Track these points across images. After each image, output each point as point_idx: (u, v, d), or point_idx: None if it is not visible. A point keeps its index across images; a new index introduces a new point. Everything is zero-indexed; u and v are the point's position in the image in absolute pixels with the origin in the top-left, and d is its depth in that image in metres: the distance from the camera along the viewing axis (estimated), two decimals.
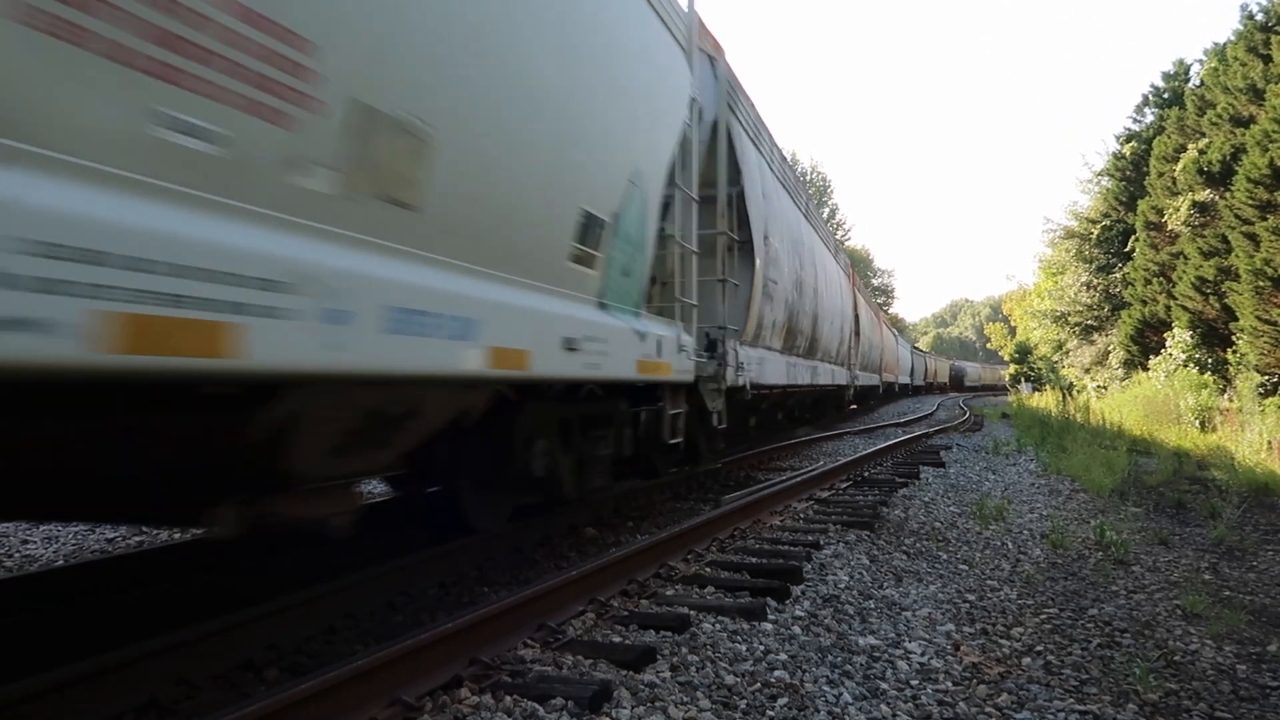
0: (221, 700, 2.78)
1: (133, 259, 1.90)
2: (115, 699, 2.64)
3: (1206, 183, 19.80)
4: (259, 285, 2.23)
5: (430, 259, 3.01)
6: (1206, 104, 21.26)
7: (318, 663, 3.12)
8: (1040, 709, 3.01)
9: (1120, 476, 9.09)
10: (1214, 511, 7.20)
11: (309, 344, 2.40)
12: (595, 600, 3.77)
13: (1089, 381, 28.46)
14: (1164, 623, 4.20)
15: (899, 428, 17.51)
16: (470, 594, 4.26)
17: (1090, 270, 28.79)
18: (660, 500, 7.20)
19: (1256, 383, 15.05)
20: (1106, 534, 5.94)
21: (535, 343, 3.70)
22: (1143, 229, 23.58)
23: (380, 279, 2.71)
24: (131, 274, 1.89)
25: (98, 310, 1.82)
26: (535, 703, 2.69)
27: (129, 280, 1.89)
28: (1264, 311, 15.55)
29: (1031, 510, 7.41)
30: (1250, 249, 16.10)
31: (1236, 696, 3.31)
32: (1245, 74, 19.11)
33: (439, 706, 2.66)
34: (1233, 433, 13.74)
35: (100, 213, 1.86)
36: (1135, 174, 26.54)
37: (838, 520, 6.15)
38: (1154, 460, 11.51)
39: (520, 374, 3.59)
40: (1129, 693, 3.23)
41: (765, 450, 10.71)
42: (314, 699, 2.37)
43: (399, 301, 2.76)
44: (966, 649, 3.63)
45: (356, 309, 2.56)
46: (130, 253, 1.89)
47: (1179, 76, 27.12)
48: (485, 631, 3.10)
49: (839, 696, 2.99)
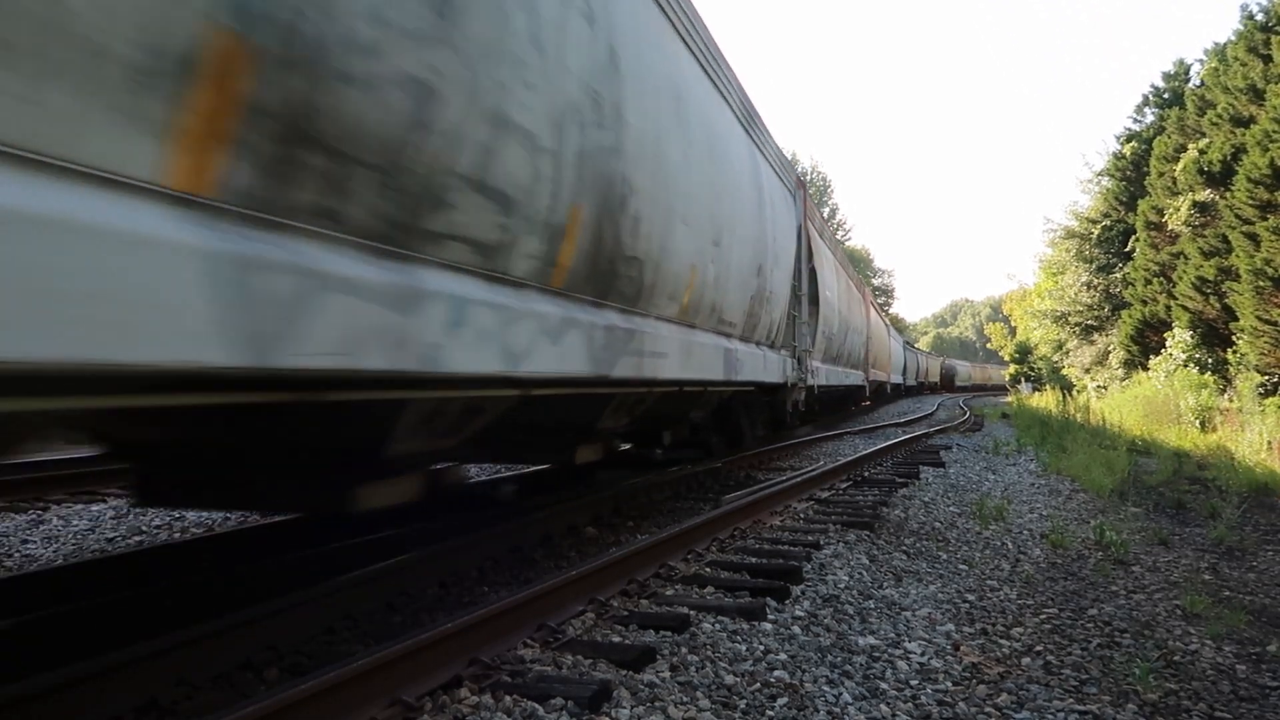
0: (221, 700, 2.78)
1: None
2: (115, 699, 2.64)
3: (1207, 183, 19.81)
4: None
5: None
6: (1207, 104, 21.27)
7: (317, 663, 3.13)
8: (1040, 709, 3.01)
9: (1120, 476, 9.09)
10: (1214, 511, 7.20)
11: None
12: (595, 600, 3.77)
13: (1089, 381, 28.46)
14: (1164, 623, 4.20)
15: (899, 428, 17.51)
16: (470, 594, 4.26)
17: (1090, 270, 28.80)
18: (660, 500, 7.20)
19: (1256, 383, 15.06)
20: (1106, 534, 5.94)
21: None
22: (1143, 229, 23.59)
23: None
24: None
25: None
26: (535, 703, 2.70)
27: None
28: (1264, 311, 15.56)
29: (1031, 510, 7.41)
30: (1250, 249, 16.11)
31: (1236, 696, 3.31)
32: (1245, 74, 19.11)
33: (439, 706, 2.66)
34: (1233, 433, 13.75)
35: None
36: (1135, 174, 26.55)
37: (838, 520, 6.15)
38: (1154, 460, 11.51)
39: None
40: (1129, 693, 3.23)
41: (765, 450, 10.71)
42: (314, 699, 2.37)
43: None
44: (966, 649, 3.63)
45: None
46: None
47: (1179, 77, 27.14)
48: (485, 631, 3.10)
49: (839, 696, 2.99)
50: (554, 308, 3.66)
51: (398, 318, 2.60)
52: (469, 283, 3.06)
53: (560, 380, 3.84)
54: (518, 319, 3.33)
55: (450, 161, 2.80)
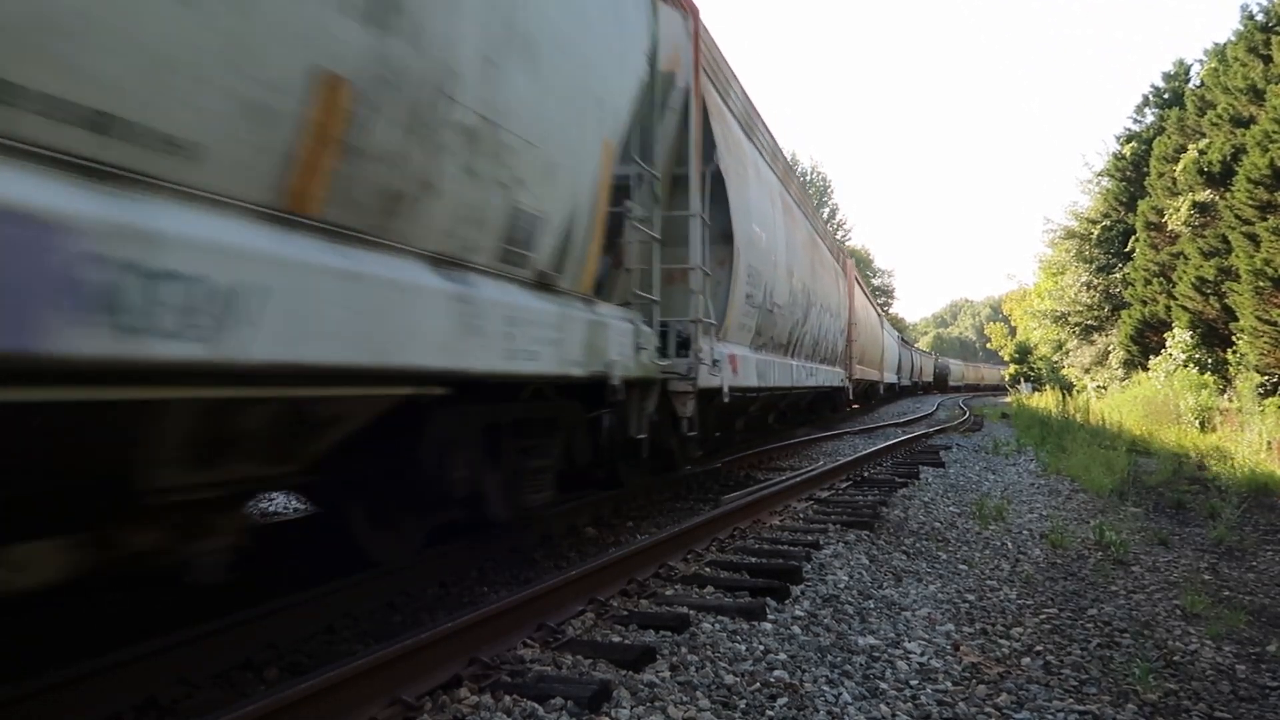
0: (221, 700, 2.78)
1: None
2: (115, 698, 2.64)
3: (1206, 183, 19.80)
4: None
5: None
6: (1206, 104, 21.26)
7: (317, 662, 3.13)
8: (1040, 709, 3.01)
9: (1120, 476, 9.09)
10: (1214, 511, 7.20)
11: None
12: (595, 600, 3.77)
13: (1089, 381, 28.46)
14: (1163, 623, 4.20)
15: (899, 428, 17.52)
16: (470, 594, 4.26)
17: (1090, 270, 28.80)
18: (660, 500, 7.20)
19: (1256, 383, 15.05)
20: (1106, 534, 5.94)
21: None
22: (1143, 229, 23.58)
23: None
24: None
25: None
26: (535, 702, 2.69)
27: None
28: (1264, 311, 15.56)
29: (1031, 510, 7.41)
30: (1250, 249, 16.10)
31: (1236, 696, 3.31)
32: (1245, 74, 19.11)
33: (439, 706, 2.66)
34: (1232, 433, 13.74)
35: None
36: (1135, 174, 26.55)
37: (837, 520, 6.15)
38: (1154, 460, 11.51)
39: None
40: (1128, 693, 3.23)
41: (765, 450, 10.71)
42: (314, 698, 2.37)
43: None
44: (966, 649, 3.63)
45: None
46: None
47: (1179, 77, 27.13)
48: (485, 631, 3.10)
49: (838, 696, 2.99)
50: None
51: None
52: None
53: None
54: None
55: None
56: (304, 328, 2.47)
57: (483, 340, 3.39)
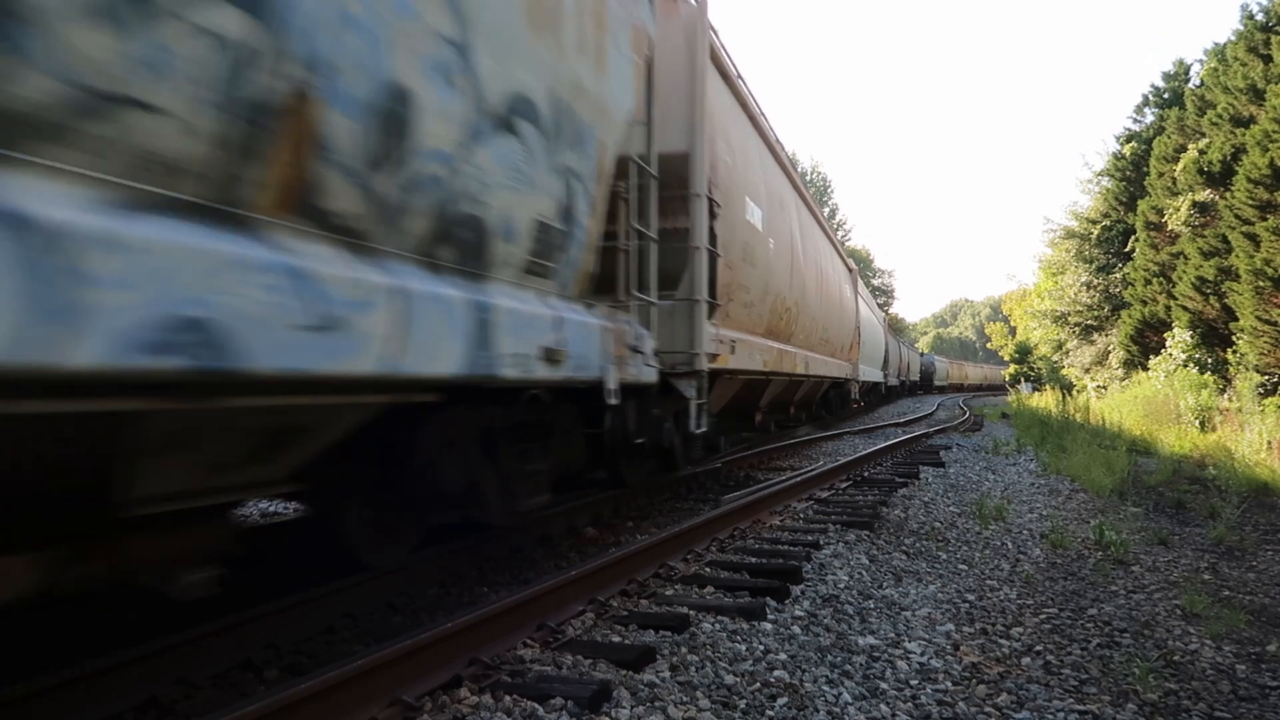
0: (221, 700, 2.78)
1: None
2: (115, 698, 2.64)
3: (1206, 183, 19.79)
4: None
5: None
6: (1206, 104, 21.25)
7: (317, 663, 3.13)
8: (1040, 709, 3.01)
9: (1120, 476, 9.09)
10: (1214, 511, 7.20)
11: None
12: (595, 600, 3.77)
13: (1089, 381, 28.45)
14: (1163, 623, 4.20)
15: (899, 428, 17.52)
16: (470, 594, 4.26)
17: (1090, 270, 28.78)
18: (660, 500, 7.20)
19: (1256, 383, 15.04)
20: (1106, 534, 5.93)
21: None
22: (1143, 229, 23.57)
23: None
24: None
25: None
26: (535, 702, 2.70)
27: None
28: (1264, 311, 15.55)
29: (1031, 510, 7.41)
30: (1250, 249, 16.10)
31: (1236, 696, 3.31)
32: (1245, 74, 19.09)
33: (439, 706, 2.66)
34: (1233, 433, 13.73)
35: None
36: (1135, 174, 26.53)
37: (837, 520, 6.15)
38: (1154, 460, 11.51)
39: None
40: (1128, 693, 3.23)
41: (765, 450, 10.72)
42: (314, 699, 2.37)
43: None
44: (966, 649, 3.63)
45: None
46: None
47: (1179, 77, 27.11)
48: (485, 631, 3.10)
49: (838, 696, 2.99)
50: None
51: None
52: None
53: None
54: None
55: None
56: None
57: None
